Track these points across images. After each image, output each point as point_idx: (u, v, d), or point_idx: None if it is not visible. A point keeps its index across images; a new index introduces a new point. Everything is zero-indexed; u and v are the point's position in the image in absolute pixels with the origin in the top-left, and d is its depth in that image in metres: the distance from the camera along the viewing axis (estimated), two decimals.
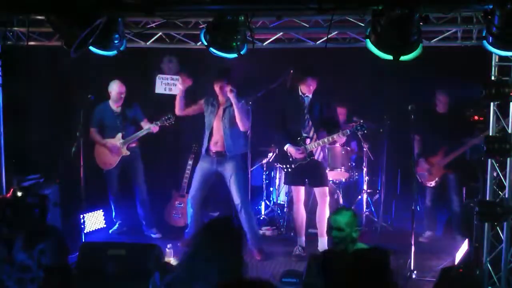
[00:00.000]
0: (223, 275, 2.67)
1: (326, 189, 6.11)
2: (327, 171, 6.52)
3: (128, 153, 6.79)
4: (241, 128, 6.03)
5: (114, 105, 6.81)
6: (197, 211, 6.26)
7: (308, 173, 6.03)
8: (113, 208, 7.05)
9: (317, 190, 6.12)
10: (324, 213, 6.05)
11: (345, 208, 4.44)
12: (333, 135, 5.86)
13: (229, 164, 6.07)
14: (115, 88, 6.76)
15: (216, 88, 6.05)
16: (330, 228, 4.10)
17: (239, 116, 5.96)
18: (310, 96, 5.99)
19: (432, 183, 6.64)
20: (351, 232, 4.05)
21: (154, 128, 6.72)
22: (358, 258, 2.91)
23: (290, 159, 6.01)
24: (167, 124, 6.69)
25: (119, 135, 6.79)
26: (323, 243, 6.02)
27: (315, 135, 5.97)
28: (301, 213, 6.17)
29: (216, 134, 6.08)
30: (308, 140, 5.96)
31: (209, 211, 7.35)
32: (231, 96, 5.89)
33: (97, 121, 6.85)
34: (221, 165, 6.10)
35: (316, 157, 5.98)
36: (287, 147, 5.99)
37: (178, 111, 6.31)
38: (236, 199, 6.05)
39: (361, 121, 6.03)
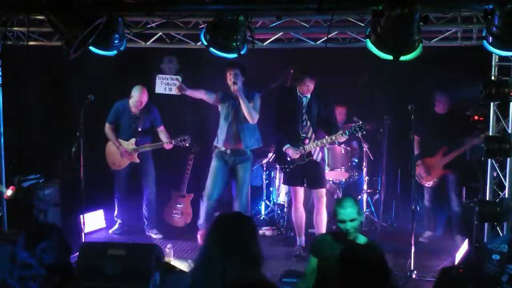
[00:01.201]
0: (240, 271, 2.67)
1: (324, 190, 6.09)
2: (327, 171, 6.51)
3: (138, 160, 6.76)
4: (250, 121, 5.96)
5: (133, 108, 6.76)
6: (212, 212, 6.14)
7: (307, 174, 6.02)
8: (116, 207, 7.04)
9: (314, 191, 6.11)
10: (321, 214, 6.04)
11: (347, 197, 4.42)
12: (332, 136, 5.84)
13: (242, 162, 6.03)
14: (136, 94, 6.65)
15: (229, 77, 5.89)
16: (343, 222, 4.11)
17: (246, 109, 5.86)
18: (309, 96, 5.98)
19: (430, 183, 6.62)
20: (360, 218, 4.18)
21: (167, 145, 6.66)
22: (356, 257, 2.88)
23: (288, 160, 6.00)
24: (182, 145, 6.64)
25: (133, 140, 6.74)
26: None
27: (313, 135, 5.96)
28: (300, 213, 6.16)
29: (234, 129, 5.99)
30: (306, 141, 5.95)
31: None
32: (234, 88, 5.80)
33: (113, 117, 6.80)
34: (236, 163, 6.03)
35: (314, 158, 5.97)
36: (286, 148, 5.99)
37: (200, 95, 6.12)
38: (236, 201, 5.96)
39: (360, 122, 6.01)
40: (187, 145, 6.63)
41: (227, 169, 6.09)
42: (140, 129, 6.77)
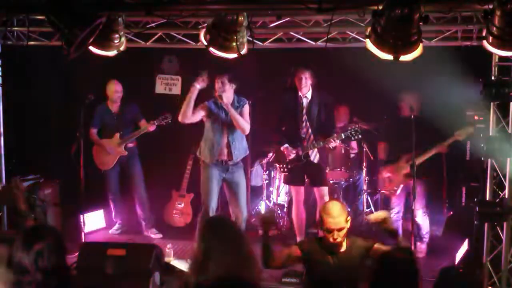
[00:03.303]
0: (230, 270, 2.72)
1: (326, 189, 6.10)
2: (327, 171, 6.50)
3: (126, 152, 6.79)
4: (242, 132, 5.83)
5: (112, 105, 6.82)
6: None
7: (308, 173, 6.03)
8: (112, 208, 7.05)
9: (316, 190, 6.11)
10: None
11: (334, 203, 4.01)
12: (326, 140, 5.84)
13: (236, 171, 5.88)
14: (111, 88, 6.77)
15: (216, 86, 5.75)
16: (330, 231, 3.81)
17: (237, 122, 5.72)
18: (309, 97, 5.98)
19: (392, 191, 6.17)
20: (347, 225, 3.86)
21: (150, 127, 6.71)
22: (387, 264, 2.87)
23: (286, 159, 6.01)
24: (164, 123, 6.68)
25: (117, 135, 6.80)
26: None
27: (311, 136, 5.95)
28: (300, 213, 6.15)
29: (224, 140, 5.81)
30: (305, 142, 5.96)
31: None
32: (220, 101, 5.66)
33: (97, 122, 6.86)
34: (229, 173, 5.86)
35: (311, 159, 5.96)
36: (283, 147, 5.99)
37: (185, 118, 5.80)
38: (238, 211, 5.84)
39: (357, 125, 6.01)
40: (170, 122, 6.62)
41: (220, 178, 5.87)
42: (121, 124, 6.81)
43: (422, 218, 6.05)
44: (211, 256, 2.78)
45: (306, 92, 5.96)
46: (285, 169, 6.07)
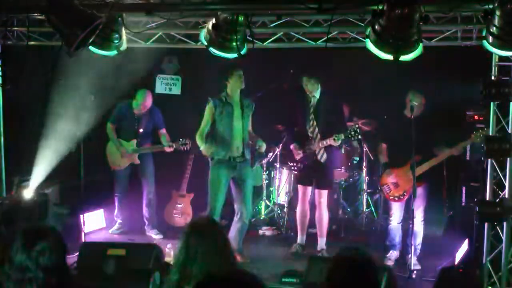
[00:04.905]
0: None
1: (326, 192, 6.09)
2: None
3: (139, 161, 6.76)
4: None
5: (136, 110, 6.72)
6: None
7: (314, 174, 6.03)
8: (116, 206, 7.04)
9: (317, 192, 6.09)
10: (322, 213, 6.04)
11: None
12: (327, 140, 5.84)
13: (243, 168, 5.82)
14: (140, 98, 6.64)
15: (242, 81, 5.73)
16: None
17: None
18: (317, 96, 5.99)
19: (398, 198, 5.79)
20: None
21: (168, 149, 6.66)
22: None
23: (296, 158, 6.06)
24: (183, 149, 6.62)
25: (134, 141, 6.75)
26: (322, 243, 6.06)
27: (318, 135, 5.95)
28: (305, 212, 6.15)
29: (237, 137, 5.74)
30: (312, 141, 5.96)
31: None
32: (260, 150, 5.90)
33: (116, 118, 6.79)
34: (237, 170, 5.79)
35: (318, 158, 5.96)
36: (292, 146, 6.05)
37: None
38: (242, 207, 5.79)
39: (357, 125, 5.98)
40: (188, 148, 6.58)
41: (229, 178, 5.81)
42: (141, 131, 6.76)
43: (419, 224, 5.78)
44: (196, 257, 2.79)
45: (315, 92, 5.97)
46: (295, 168, 6.09)
